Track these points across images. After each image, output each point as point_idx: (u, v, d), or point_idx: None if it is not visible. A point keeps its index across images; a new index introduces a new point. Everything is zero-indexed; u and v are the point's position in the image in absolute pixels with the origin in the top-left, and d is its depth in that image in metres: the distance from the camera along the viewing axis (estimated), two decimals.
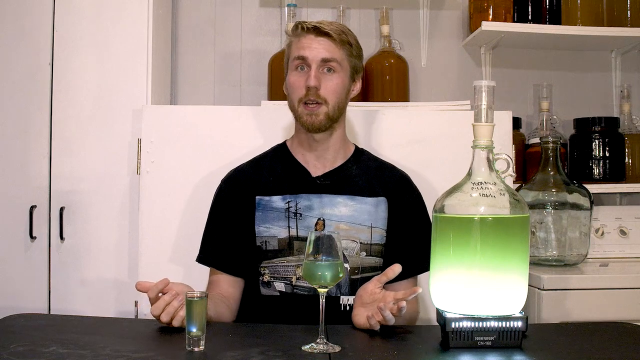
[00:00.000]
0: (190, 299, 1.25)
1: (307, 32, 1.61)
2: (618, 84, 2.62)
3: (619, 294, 1.94)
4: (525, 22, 2.41)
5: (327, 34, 1.60)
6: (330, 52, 1.60)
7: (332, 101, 1.61)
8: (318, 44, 1.60)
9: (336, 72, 1.62)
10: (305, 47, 1.60)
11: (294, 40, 1.63)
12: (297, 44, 1.62)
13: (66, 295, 2.07)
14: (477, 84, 1.34)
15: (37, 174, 2.09)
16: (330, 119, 1.62)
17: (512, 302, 1.29)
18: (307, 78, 1.59)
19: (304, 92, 1.59)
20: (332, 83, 1.61)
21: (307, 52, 1.60)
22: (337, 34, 1.61)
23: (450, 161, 1.92)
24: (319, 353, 1.23)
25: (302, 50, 1.60)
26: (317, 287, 1.29)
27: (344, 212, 1.64)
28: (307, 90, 1.59)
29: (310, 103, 1.59)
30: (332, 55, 1.60)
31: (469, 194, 1.32)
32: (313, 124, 1.60)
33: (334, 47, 1.61)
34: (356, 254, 1.64)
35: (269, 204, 1.65)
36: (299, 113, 1.62)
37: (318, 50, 1.59)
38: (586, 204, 2.16)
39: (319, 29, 1.60)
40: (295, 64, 1.62)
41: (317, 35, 1.60)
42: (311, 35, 1.60)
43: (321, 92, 1.59)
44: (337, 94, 1.62)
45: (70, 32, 2.10)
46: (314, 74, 1.58)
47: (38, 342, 1.27)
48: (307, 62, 1.60)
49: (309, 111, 1.60)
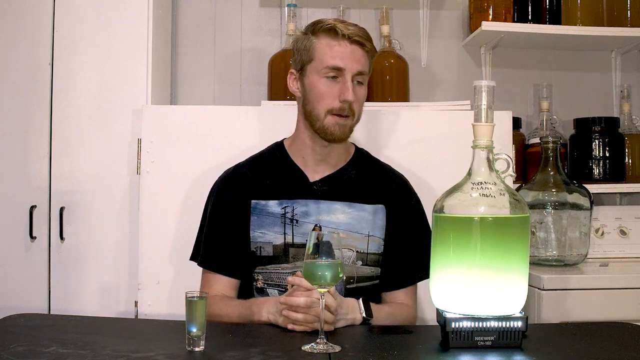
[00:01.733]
0: (190, 299, 1.25)
1: (341, 38, 1.55)
2: (618, 84, 2.62)
3: (619, 294, 1.94)
4: (525, 22, 2.41)
5: (361, 44, 1.56)
6: (363, 65, 1.56)
7: (358, 113, 1.59)
8: (352, 54, 1.55)
9: (364, 84, 1.59)
10: (341, 56, 1.54)
11: (325, 44, 1.56)
12: (331, 51, 1.55)
13: (66, 295, 2.07)
14: (477, 84, 1.34)
15: (37, 174, 2.09)
16: (352, 130, 1.61)
17: (512, 302, 1.29)
18: (341, 90, 1.54)
19: (337, 104, 1.55)
20: (361, 96, 1.59)
21: (343, 63, 1.54)
22: (369, 43, 1.57)
23: (450, 161, 1.91)
24: (319, 353, 1.23)
25: (338, 61, 1.54)
26: (317, 287, 1.29)
27: (342, 219, 1.62)
28: (343, 104, 1.54)
29: (342, 115, 1.56)
30: (365, 68, 1.57)
31: (469, 194, 1.32)
32: (340, 136, 1.58)
33: (365, 58, 1.57)
34: (352, 263, 1.61)
35: (265, 209, 1.62)
36: (325, 123, 1.56)
37: (354, 62, 1.55)
38: (586, 204, 2.16)
39: (354, 37, 1.54)
40: (327, 71, 1.55)
41: (352, 43, 1.55)
42: (345, 42, 1.55)
43: (353, 106, 1.56)
44: (362, 106, 1.60)
45: (70, 32, 2.10)
46: (351, 89, 1.54)
47: (38, 342, 1.27)
48: (343, 72, 1.55)
49: (340, 123, 1.56)
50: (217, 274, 1.64)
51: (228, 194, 1.66)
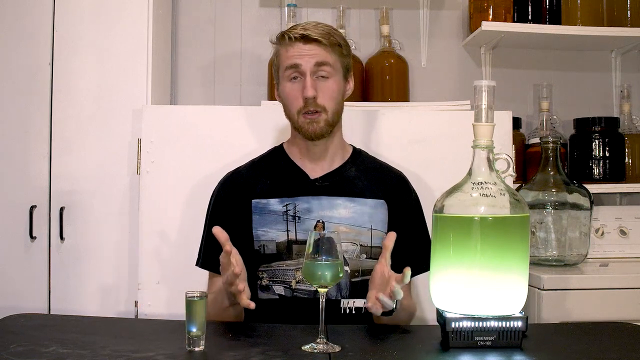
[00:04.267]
0: (190, 299, 1.25)
1: (294, 41, 1.58)
2: (618, 84, 2.62)
3: (619, 294, 1.94)
4: (525, 22, 2.41)
5: (316, 40, 1.57)
6: (322, 57, 1.58)
7: (331, 107, 1.60)
8: (309, 51, 1.57)
9: (330, 77, 1.60)
10: (296, 55, 1.58)
11: (282, 50, 1.61)
12: (286, 54, 1.59)
13: (66, 295, 2.07)
14: (477, 84, 1.34)
15: (37, 174, 2.09)
16: (330, 125, 1.61)
17: (512, 302, 1.29)
18: (303, 88, 1.57)
19: (301, 102, 1.58)
20: (329, 89, 1.59)
21: (298, 60, 1.57)
22: (326, 38, 1.58)
23: (450, 161, 1.91)
24: (319, 353, 1.23)
25: (293, 59, 1.58)
26: (317, 287, 1.29)
27: (344, 214, 1.63)
28: (305, 101, 1.57)
29: (310, 113, 1.58)
30: (324, 59, 1.58)
31: (469, 194, 1.32)
32: (315, 133, 1.59)
33: (325, 52, 1.58)
34: (356, 256, 1.62)
35: (266, 207, 1.63)
36: (299, 124, 1.60)
37: (310, 57, 1.57)
38: (586, 204, 2.16)
39: (307, 36, 1.57)
40: (288, 74, 1.59)
41: (306, 42, 1.57)
42: (299, 44, 1.58)
43: (319, 101, 1.57)
44: (334, 99, 1.61)
45: (70, 32, 2.10)
46: (310, 84, 1.56)
47: (38, 342, 1.27)
48: (300, 70, 1.57)
49: (309, 120, 1.58)
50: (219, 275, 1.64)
51: (228, 196, 1.67)
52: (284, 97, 1.63)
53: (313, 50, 1.58)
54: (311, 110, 1.57)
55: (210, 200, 1.72)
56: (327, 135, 1.62)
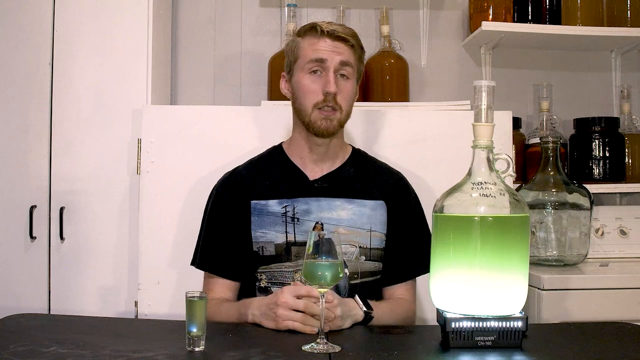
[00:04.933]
0: (190, 299, 1.25)
1: (323, 35, 1.58)
2: (618, 84, 2.62)
3: (619, 294, 1.94)
4: (525, 22, 2.41)
5: (344, 39, 1.58)
6: (346, 56, 1.58)
7: (345, 108, 1.60)
8: (335, 48, 1.58)
9: (350, 79, 1.61)
10: (323, 50, 1.57)
11: (307, 42, 1.60)
12: (313, 47, 1.58)
13: (66, 295, 2.07)
14: (477, 84, 1.34)
15: (37, 174, 2.09)
16: (341, 125, 1.61)
17: (512, 302, 1.29)
18: (325, 83, 1.56)
19: (321, 97, 1.57)
20: (348, 90, 1.60)
21: (325, 54, 1.57)
22: (353, 39, 1.60)
23: (450, 161, 1.92)
24: (319, 353, 1.22)
25: (320, 53, 1.57)
26: (317, 287, 1.29)
27: (343, 215, 1.62)
28: (326, 96, 1.56)
29: (327, 108, 1.57)
30: (348, 59, 1.59)
31: (469, 194, 1.32)
32: (328, 130, 1.59)
33: (349, 52, 1.59)
34: (355, 258, 1.62)
35: (265, 209, 1.63)
36: (312, 118, 1.58)
37: (335, 54, 1.57)
38: (586, 204, 2.16)
39: (336, 33, 1.58)
40: (310, 66, 1.58)
41: (334, 39, 1.58)
42: (327, 39, 1.58)
43: (338, 99, 1.58)
44: (350, 100, 1.61)
45: (70, 32, 2.10)
46: (333, 80, 1.56)
47: (38, 342, 1.27)
48: (325, 65, 1.57)
49: (325, 116, 1.58)
50: (216, 276, 1.65)
51: (227, 196, 1.67)
52: (299, 88, 1.60)
53: (340, 48, 1.58)
54: (330, 105, 1.57)
55: (208, 199, 1.71)
56: (335, 135, 1.62)
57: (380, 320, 1.50)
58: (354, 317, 1.46)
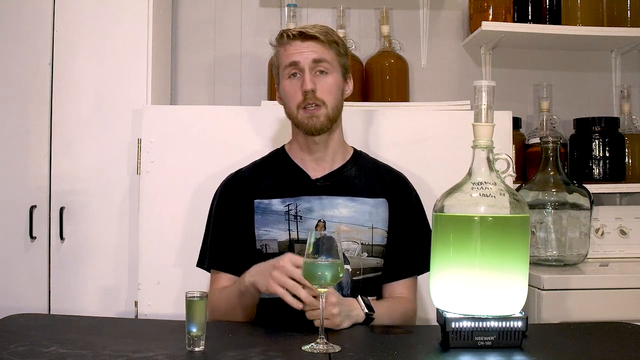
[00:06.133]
0: (190, 299, 1.25)
1: (292, 39, 1.61)
2: (618, 84, 2.62)
3: (619, 294, 1.94)
4: (525, 22, 2.41)
5: (314, 37, 1.60)
6: (320, 54, 1.61)
7: (330, 102, 1.61)
8: (307, 48, 1.60)
9: (329, 73, 1.62)
10: (295, 53, 1.60)
11: (281, 50, 1.64)
12: (285, 52, 1.62)
13: (66, 295, 2.07)
14: (477, 84, 1.34)
15: (37, 174, 2.09)
16: (330, 120, 1.62)
17: (512, 302, 1.29)
18: (302, 83, 1.59)
19: (301, 97, 1.60)
20: (327, 84, 1.61)
21: (297, 57, 1.60)
22: (323, 35, 1.62)
23: (450, 161, 1.91)
24: (319, 353, 1.23)
25: (292, 57, 1.60)
26: (317, 287, 1.30)
27: (345, 213, 1.64)
28: (305, 95, 1.59)
29: (310, 106, 1.59)
30: (322, 55, 1.61)
31: (469, 194, 1.32)
32: (315, 127, 1.60)
33: (322, 48, 1.61)
34: (357, 255, 1.63)
35: (268, 207, 1.65)
36: (299, 119, 1.61)
37: (308, 54, 1.60)
38: (586, 204, 2.16)
39: (305, 33, 1.60)
40: (288, 71, 1.62)
41: (304, 40, 1.61)
42: (297, 42, 1.61)
43: (318, 94, 1.60)
44: (333, 93, 1.62)
45: (70, 32, 2.10)
46: (308, 78, 1.59)
47: (38, 342, 1.27)
48: (299, 67, 1.60)
49: (309, 114, 1.60)
50: (223, 272, 1.66)
51: (230, 197, 1.69)
52: (283, 94, 1.65)
53: (311, 47, 1.60)
54: (310, 103, 1.59)
55: (212, 201, 1.72)
56: (327, 131, 1.63)
57: (379, 320, 1.51)
58: (354, 318, 1.46)
